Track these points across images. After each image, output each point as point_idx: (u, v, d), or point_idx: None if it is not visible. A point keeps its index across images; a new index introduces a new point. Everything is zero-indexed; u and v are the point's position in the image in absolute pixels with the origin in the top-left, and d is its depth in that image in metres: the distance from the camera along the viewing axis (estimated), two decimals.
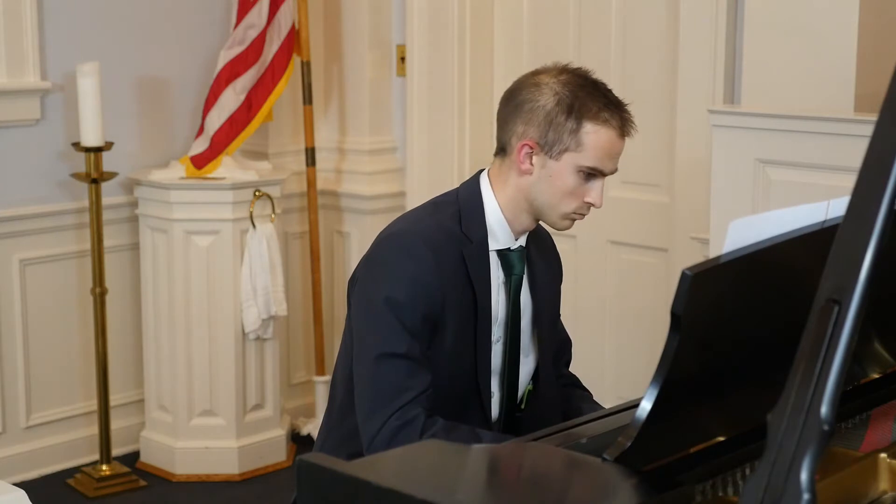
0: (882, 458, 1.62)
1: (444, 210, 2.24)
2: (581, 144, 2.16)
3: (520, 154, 2.19)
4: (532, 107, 2.18)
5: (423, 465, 1.52)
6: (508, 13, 4.21)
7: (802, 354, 1.12)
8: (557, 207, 2.20)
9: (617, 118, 2.19)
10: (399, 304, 2.11)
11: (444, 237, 2.18)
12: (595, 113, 2.16)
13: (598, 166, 2.18)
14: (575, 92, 2.17)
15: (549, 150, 2.17)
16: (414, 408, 2.09)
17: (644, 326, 3.90)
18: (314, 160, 4.34)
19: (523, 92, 2.21)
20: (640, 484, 1.42)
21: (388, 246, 2.19)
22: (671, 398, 1.41)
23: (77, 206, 4.08)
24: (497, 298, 2.25)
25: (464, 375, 2.21)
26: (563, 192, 2.18)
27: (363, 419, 2.14)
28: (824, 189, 2.73)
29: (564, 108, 2.16)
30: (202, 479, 4.10)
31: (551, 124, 2.16)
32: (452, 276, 2.16)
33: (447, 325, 2.16)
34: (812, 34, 3.29)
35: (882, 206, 1.11)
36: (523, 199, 2.22)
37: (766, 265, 1.45)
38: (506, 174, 2.23)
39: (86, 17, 4.07)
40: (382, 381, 2.11)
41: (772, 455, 1.10)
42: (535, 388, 2.33)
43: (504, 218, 2.24)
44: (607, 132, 2.17)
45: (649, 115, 3.84)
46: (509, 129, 2.22)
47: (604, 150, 2.17)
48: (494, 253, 2.24)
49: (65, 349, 4.13)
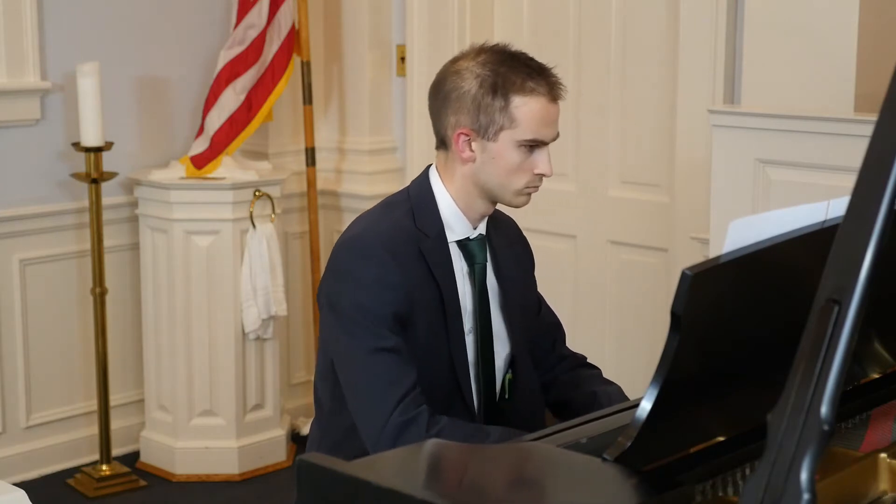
0: (882, 458, 1.62)
1: (397, 209, 2.24)
2: (514, 120, 2.15)
3: (458, 144, 2.19)
4: (458, 94, 2.18)
5: (423, 465, 1.52)
6: (508, 13, 4.21)
7: (802, 354, 1.12)
8: (509, 186, 2.20)
9: (543, 84, 2.17)
10: (369, 308, 2.12)
11: (400, 236, 2.18)
12: (520, 85, 2.15)
13: (536, 137, 2.17)
14: (496, 69, 2.16)
15: (486, 133, 2.17)
16: (414, 404, 2.09)
17: (644, 326, 3.90)
18: (314, 160, 4.34)
19: (447, 81, 2.21)
20: (640, 484, 1.42)
21: (345, 253, 2.19)
22: (671, 398, 1.41)
23: (77, 206, 4.08)
24: (464, 289, 2.25)
25: (442, 370, 2.21)
26: (510, 169, 2.18)
27: (362, 420, 2.14)
28: (824, 189, 2.73)
29: (489, 88, 2.15)
30: (202, 479, 4.10)
31: (480, 107, 2.16)
32: (414, 273, 2.16)
33: (416, 322, 2.17)
34: (812, 34, 3.29)
35: (882, 206, 1.11)
36: (473, 185, 2.22)
37: (766, 265, 1.45)
38: (451, 166, 2.23)
39: (86, 17, 4.07)
40: (376, 375, 2.11)
41: (772, 455, 1.10)
42: (514, 376, 2.32)
43: (458, 208, 2.24)
44: (537, 100, 2.16)
45: (649, 115, 3.85)
46: (443, 121, 2.22)
47: (538, 120, 2.16)
48: (454, 244, 2.25)
49: (65, 349, 4.13)
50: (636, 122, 3.89)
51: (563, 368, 2.46)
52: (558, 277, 4.14)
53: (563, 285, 4.14)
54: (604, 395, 2.33)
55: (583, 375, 2.44)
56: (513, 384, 2.32)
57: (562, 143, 4.12)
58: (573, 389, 2.40)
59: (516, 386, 2.32)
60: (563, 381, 2.43)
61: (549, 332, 2.48)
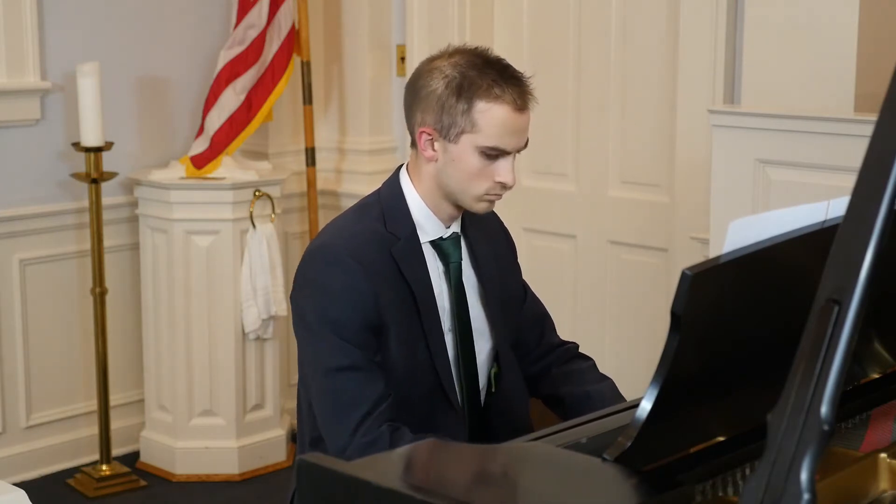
0: (882, 458, 1.62)
1: (367, 213, 2.23)
2: (475, 124, 2.12)
3: (421, 142, 2.18)
4: (426, 93, 2.16)
5: (423, 465, 1.52)
6: (508, 13, 4.21)
7: (802, 354, 1.12)
8: (467, 190, 2.17)
9: (510, 92, 2.12)
10: (335, 319, 2.10)
11: (369, 242, 2.16)
12: (485, 90, 2.11)
13: (497, 145, 2.13)
14: (465, 72, 2.13)
15: (447, 134, 2.14)
16: (377, 422, 2.07)
17: (644, 326, 3.90)
18: (314, 160, 4.34)
19: (420, 79, 2.19)
20: (640, 484, 1.42)
21: (313, 262, 2.18)
22: (671, 398, 1.41)
23: (77, 206, 4.08)
24: (441, 289, 2.24)
25: (424, 371, 2.20)
26: (469, 174, 2.15)
27: (327, 438, 2.13)
28: (824, 189, 2.73)
29: (454, 90, 2.12)
30: (202, 479, 4.10)
31: (443, 107, 2.13)
32: (385, 278, 2.15)
33: (389, 328, 2.15)
34: (812, 34, 3.29)
35: (882, 206, 1.11)
36: (436, 186, 2.20)
37: (766, 265, 1.45)
38: (419, 165, 2.22)
39: (86, 17, 4.07)
40: (336, 395, 2.10)
41: (772, 455, 1.10)
42: (499, 370, 2.31)
43: (427, 208, 2.22)
44: (501, 108, 2.11)
45: (649, 115, 3.84)
46: (412, 118, 2.21)
47: (501, 128, 2.12)
48: (428, 244, 2.23)
49: (65, 349, 4.13)
50: (636, 122, 3.89)
51: (556, 360, 2.43)
52: (558, 277, 4.14)
53: (563, 285, 4.14)
54: (597, 395, 2.31)
55: (576, 370, 2.41)
56: (498, 378, 2.32)
57: (562, 143, 4.15)
58: (566, 385, 2.38)
59: (501, 379, 2.32)
60: (556, 375, 2.41)
61: (536, 323, 2.46)
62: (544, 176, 4.17)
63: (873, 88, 3.22)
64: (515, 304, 2.41)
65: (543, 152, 4.16)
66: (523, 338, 2.42)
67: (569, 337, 2.48)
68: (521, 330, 2.41)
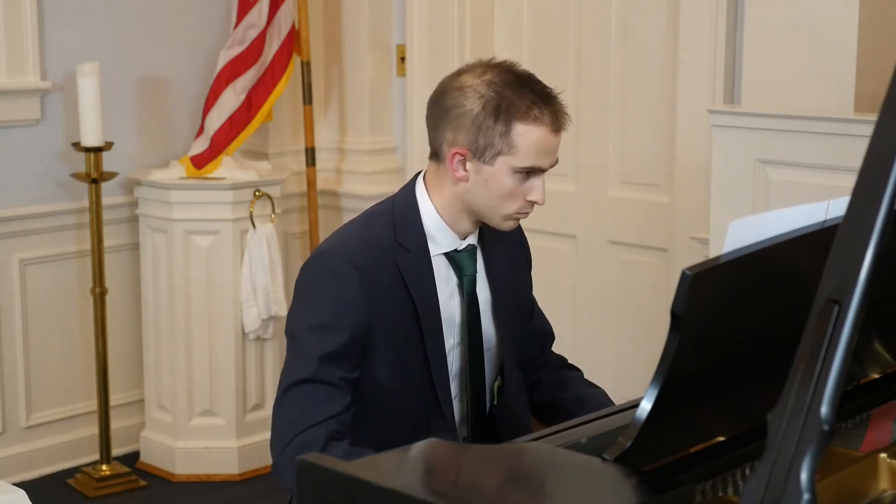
0: (882, 458, 1.62)
1: (377, 221, 2.18)
2: (514, 146, 2.08)
3: (452, 162, 2.12)
4: (459, 112, 2.10)
5: (423, 465, 1.52)
6: (508, 13, 4.21)
7: (802, 354, 1.12)
8: (498, 210, 2.14)
9: (548, 114, 2.09)
10: (321, 327, 2.07)
11: (374, 252, 2.13)
12: (524, 112, 2.07)
13: (534, 164, 2.11)
14: (500, 92, 2.08)
15: (482, 156, 2.10)
16: (317, 431, 2.04)
17: (644, 326, 3.90)
18: (314, 160, 4.34)
19: (448, 96, 2.13)
20: (640, 484, 1.42)
21: (311, 268, 2.15)
22: (671, 398, 1.41)
23: (77, 206, 4.08)
24: (451, 302, 2.20)
25: (420, 387, 2.16)
26: (502, 194, 2.12)
27: (271, 442, 2.11)
28: (824, 189, 2.73)
29: (491, 111, 2.07)
30: (202, 479, 4.10)
31: (480, 129, 2.08)
32: (386, 290, 2.11)
33: (381, 341, 2.11)
34: (812, 34, 3.29)
35: (882, 206, 1.11)
36: (461, 203, 2.16)
37: (766, 265, 1.45)
38: (441, 180, 2.17)
39: (86, 17, 4.07)
40: (292, 404, 2.07)
41: (772, 455, 1.10)
42: (503, 382, 2.28)
43: (443, 222, 2.18)
44: (539, 130, 2.09)
45: (649, 115, 3.85)
46: (439, 135, 2.14)
47: (538, 148, 2.10)
48: (441, 256, 2.19)
49: (65, 349, 4.13)
50: (636, 122, 3.89)
51: (548, 370, 2.42)
52: (558, 277, 4.14)
53: (563, 285, 4.14)
54: (592, 399, 2.29)
55: (567, 377, 2.40)
56: (501, 391, 2.28)
57: (562, 142, 4.13)
58: (560, 391, 2.37)
59: (504, 393, 2.28)
60: (548, 383, 2.40)
61: (539, 338, 2.44)
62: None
63: (873, 88, 3.22)
64: (524, 317, 2.38)
65: None
66: (525, 352, 2.39)
67: (569, 336, 2.49)
68: (525, 344, 2.39)
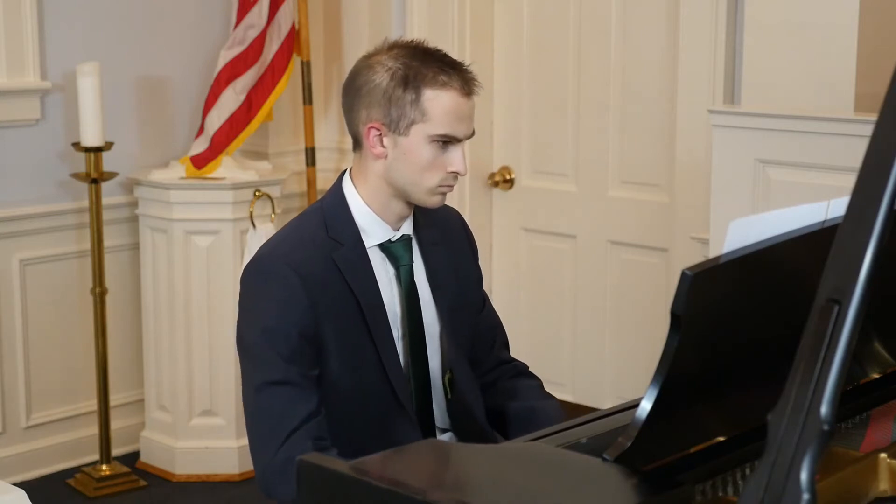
0: (882, 458, 1.62)
1: (307, 222, 2.20)
2: (426, 113, 2.10)
3: (369, 139, 2.14)
4: (369, 88, 2.12)
5: (422, 465, 1.52)
6: (508, 13, 4.21)
7: (802, 354, 1.12)
8: (421, 183, 2.14)
9: (457, 78, 2.11)
10: (270, 330, 2.08)
11: (308, 250, 2.13)
12: (431, 78, 2.10)
13: (448, 132, 2.11)
14: (408, 63, 2.11)
15: (397, 127, 2.11)
16: (302, 439, 2.04)
17: (644, 326, 3.90)
18: (314, 160, 4.34)
19: (360, 76, 2.16)
20: (640, 484, 1.42)
21: (249, 275, 2.17)
22: (671, 398, 1.41)
23: (77, 206, 4.08)
24: (391, 293, 2.20)
25: (376, 379, 2.16)
26: (422, 166, 2.12)
27: (253, 454, 2.11)
28: (824, 189, 2.73)
29: (400, 81, 2.10)
30: (202, 479, 4.10)
31: (391, 100, 2.10)
32: (325, 286, 2.11)
33: (330, 338, 2.12)
34: (812, 34, 3.29)
35: (882, 206, 1.11)
36: (385, 185, 2.16)
37: (766, 265, 1.45)
38: (364, 165, 2.18)
39: (86, 17, 4.07)
40: (264, 411, 2.07)
41: (772, 455, 1.10)
42: (453, 376, 2.27)
43: (373, 212, 2.18)
44: (449, 94, 2.10)
45: (649, 115, 3.85)
46: (355, 117, 2.16)
47: (451, 114, 2.11)
48: (376, 248, 2.20)
49: (65, 349, 4.13)
50: (636, 122, 3.89)
51: (503, 375, 2.39)
52: (558, 277, 4.14)
53: (563, 285, 4.14)
54: (542, 412, 2.28)
55: (522, 386, 2.37)
56: (453, 384, 2.27)
57: (562, 143, 4.15)
58: (510, 399, 2.34)
59: (455, 387, 2.27)
60: (501, 389, 2.37)
61: (489, 332, 2.41)
62: (544, 176, 4.17)
63: (873, 88, 3.22)
64: (471, 308, 2.35)
65: (543, 152, 4.16)
66: (475, 346, 2.37)
67: (569, 336, 2.49)
68: (475, 338, 2.36)
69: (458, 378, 2.27)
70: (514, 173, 4.23)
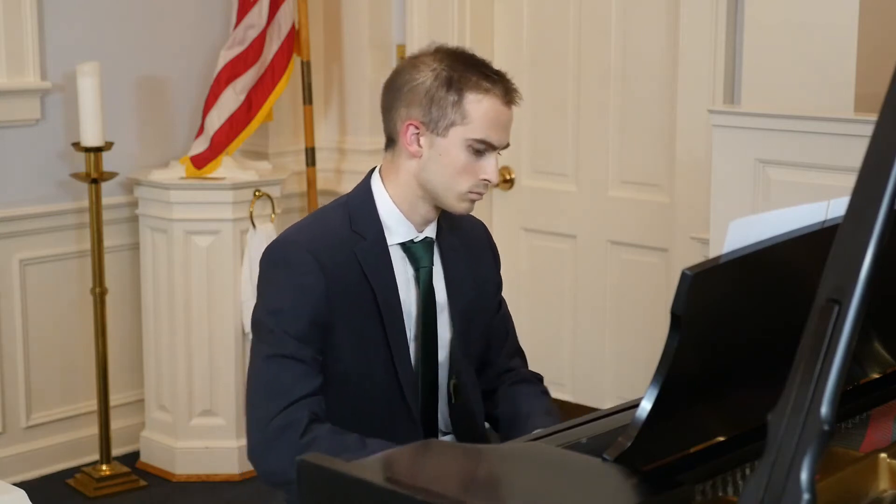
0: (882, 458, 1.62)
1: (331, 215, 2.20)
2: (466, 116, 2.11)
3: (406, 136, 2.14)
4: (412, 87, 2.14)
5: (423, 465, 1.52)
6: (508, 13, 4.21)
7: (802, 354, 1.12)
8: (452, 187, 2.14)
9: (499, 86, 2.14)
10: (283, 311, 2.09)
11: (330, 241, 2.14)
12: (476, 82, 2.12)
13: (486, 138, 2.12)
14: (453, 65, 2.13)
15: (435, 128, 2.12)
16: (299, 410, 2.05)
17: (644, 326, 3.90)
18: (314, 160, 4.34)
19: (402, 75, 2.17)
20: (640, 484, 1.42)
21: (267, 257, 2.17)
22: (671, 398, 1.41)
23: (77, 206, 4.08)
24: (409, 294, 2.20)
25: (384, 377, 2.17)
26: (456, 169, 2.13)
27: (249, 419, 2.11)
28: (824, 189, 2.73)
29: (444, 82, 2.11)
30: (202, 479, 4.10)
31: (433, 100, 2.11)
32: (344, 276, 2.12)
33: (341, 328, 2.12)
34: (812, 34, 3.29)
35: (882, 206, 1.11)
36: (417, 185, 2.17)
37: (766, 265, 1.45)
38: (397, 164, 2.18)
39: (86, 17, 4.07)
40: (270, 379, 2.08)
41: (772, 455, 1.10)
42: (458, 381, 2.27)
43: (399, 211, 2.19)
44: (491, 100, 2.12)
45: (649, 115, 3.85)
46: (393, 115, 2.17)
47: (490, 120, 2.12)
48: (398, 247, 2.20)
49: (65, 349, 4.13)
50: (636, 122, 3.89)
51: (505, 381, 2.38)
52: (558, 277, 4.14)
53: (563, 285, 4.14)
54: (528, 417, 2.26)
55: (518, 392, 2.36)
56: (458, 389, 2.27)
57: (562, 143, 4.15)
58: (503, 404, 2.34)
59: (460, 392, 2.27)
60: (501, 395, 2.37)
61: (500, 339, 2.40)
62: (544, 176, 4.17)
63: (873, 88, 3.22)
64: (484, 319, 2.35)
65: (543, 152, 4.16)
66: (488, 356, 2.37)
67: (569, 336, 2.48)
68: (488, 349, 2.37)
69: (464, 384, 2.28)
70: (514, 173, 4.23)
